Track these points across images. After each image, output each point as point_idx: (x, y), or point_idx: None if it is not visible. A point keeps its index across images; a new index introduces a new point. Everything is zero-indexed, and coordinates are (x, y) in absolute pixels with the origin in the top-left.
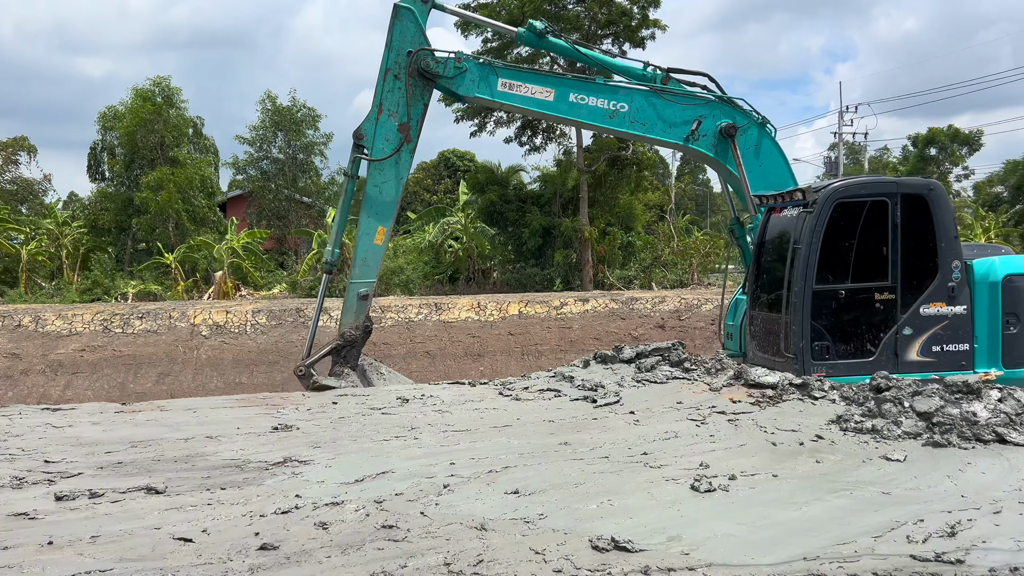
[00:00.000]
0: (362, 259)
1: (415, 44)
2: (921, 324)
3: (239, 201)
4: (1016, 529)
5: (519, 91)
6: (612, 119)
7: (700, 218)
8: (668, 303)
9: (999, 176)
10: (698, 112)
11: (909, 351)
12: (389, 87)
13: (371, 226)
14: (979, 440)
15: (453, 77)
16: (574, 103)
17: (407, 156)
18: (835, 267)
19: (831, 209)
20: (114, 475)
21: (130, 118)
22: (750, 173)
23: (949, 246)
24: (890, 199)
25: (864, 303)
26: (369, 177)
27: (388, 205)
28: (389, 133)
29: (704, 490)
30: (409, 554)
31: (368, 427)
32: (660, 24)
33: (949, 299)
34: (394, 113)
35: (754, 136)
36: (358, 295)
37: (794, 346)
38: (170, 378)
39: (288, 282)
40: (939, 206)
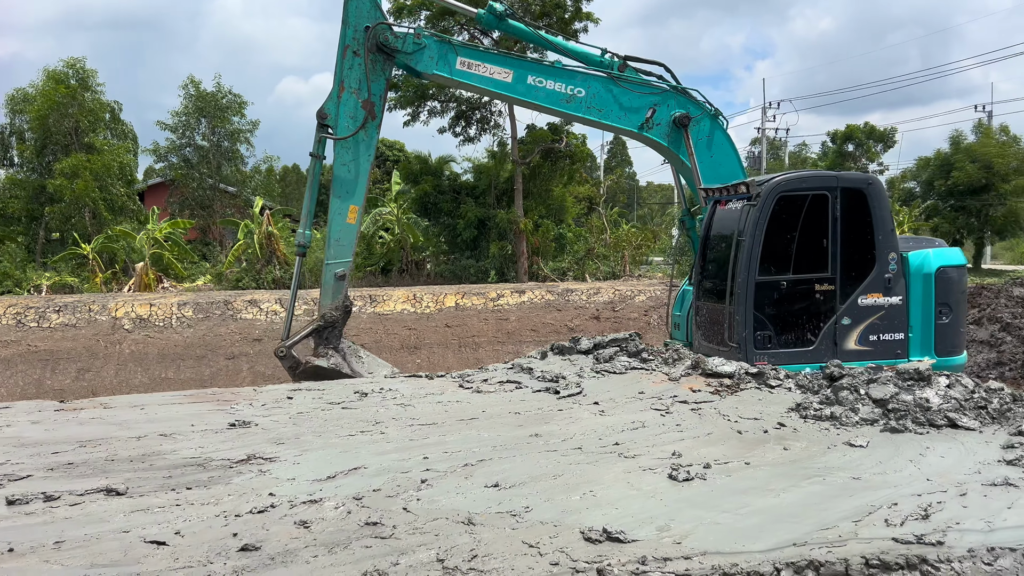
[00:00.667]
0: (336, 239)
1: (372, 19)
2: (859, 314)
3: (159, 189)
4: (984, 511)
5: (478, 70)
6: (569, 103)
7: (627, 211)
8: (603, 294)
9: (912, 172)
10: (653, 100)
11: (847, 340)
12: (349, 64)
13: (342, 206)
14: (932, 425)
15: (412, 53)
16: (532, 85)
17: (373, 132)
18: (777, 259)
19: (774, 202)
20: (67, 477)
21: (42, 101)
22: (701, 164)
23: (886, 239)
24: (831, 193)
25: (805, 294)
26: (336, 157)
27: (357, 183)
28: (353, 110)
29: (683, 479)
30: (399, 551)
31: (330, 422)
32: (592, 17)
33: (885, 290)
34: (356, 90)
35: (707, 127)
36: (335, 275)
37: (737, 335)
38: (91, 374)
39: (213, 274)
40: (877, 200)
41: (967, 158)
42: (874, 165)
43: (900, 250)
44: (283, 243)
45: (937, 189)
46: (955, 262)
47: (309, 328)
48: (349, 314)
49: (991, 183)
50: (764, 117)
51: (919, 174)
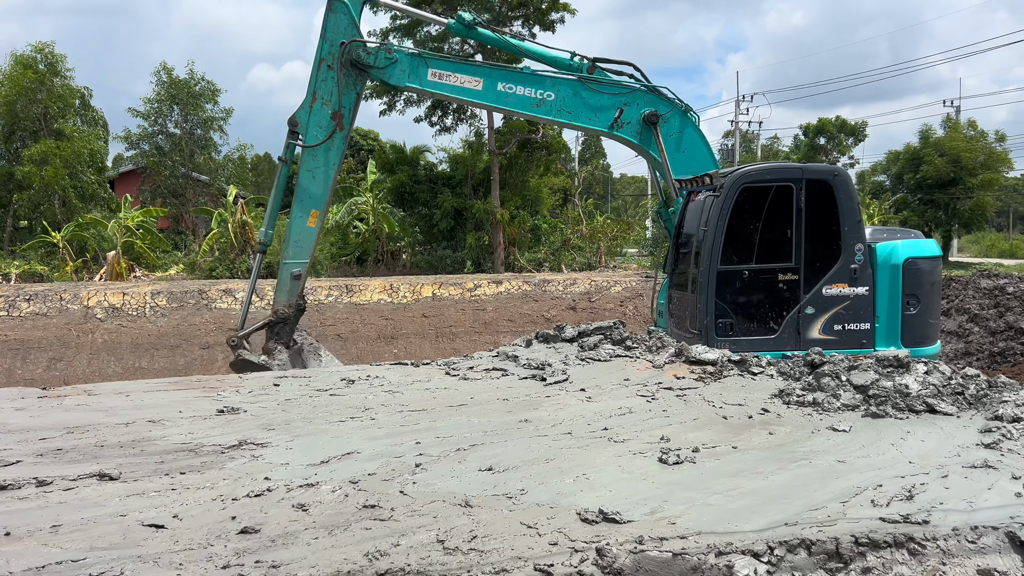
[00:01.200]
0: (295, 240)
1: (348, 36)
2: (823, 304)
3: (131, 177)
4: (966, 492)
5: (449, 80)
6: (539, 107)
7: (602, 203)
8: (579, 285)
9: (882, 166)
10: (622, 100)
11: (811, 329)
12: (323, 76)
13: (304, 209)
14: (912, 411)
15: (384, 67)
16: (502, 92)
17: (340, 143)
18: (740, 249)
19: (736, 193)
20: (57, 462)
21: (9, 86)
22: (672, 159)
23: (852, 230)
24: (795, 184)
25: (767, 283)
26: (302, 163)
27: (321, 190)
28: (322, 120)
29: (673, 462)
30: (399, 532)
31: (319, 409)
32: (569, 8)
33: (851, 280)
34: (327, 101)
35: (676, 124)
36: (291, 274)
37: (699, 323)
38: (63, 363)
39: (186, 263)
40: (843, 192)
41: (936, 152)
42: (845, 158)
43: (868, 241)
44: (257, 232)
45: (906, 183)
46: (925, 253)
47: (261, 322)
48: (302, 312)
49: (959, 177)
50: (737, 110)
51: (889, 167)
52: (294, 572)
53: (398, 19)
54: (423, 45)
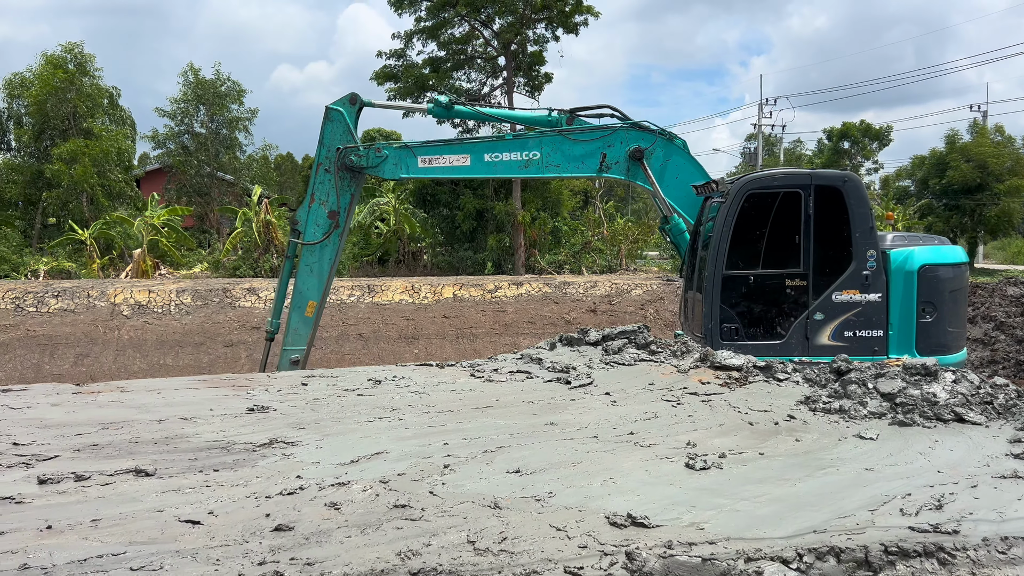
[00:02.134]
0: (294, 329)
1: (343, 142)
2: (833, 310)
3: (157, 176)
4: (995, 502)
5: (438, 163)
6: (528, 168)
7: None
8: (599, 288)
9: (907, 170)
10: (605, 144)
11: (820, 335)
12: (320, 179)
13: (303, 300)
14: (939, 419)
15: (376, 165)
16: (490, 162)
17: (336, 239)
18: (748, 254)
19: (742, 199)
20: (94, 458)
21: (39, 86)
22: (664, 187)
23: (864, 236)
24: (803, 190)
25: (775, 288)
26: (302, 258)
27: (318, 283)
28: (320, 219)
29: (699, 468)
30: (430, 533)
31: (347, 408)
32: (593, 11)
33: (863, 287)
34: (324, 202)
35: (660, 154)
36: (290, 360)
37: (704, 327)
38: (89, 359)
39: (210, 261)
40: (854, 197)
41: (962, 157)
42: (869, 163)
43: (885, 247)
44: (280, 232)
45: (932, 188)
46: (945, 260)
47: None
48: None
49: (985, 183)
50: (760, 114)
51: (914, 172)
52: (328, 570)
53: (422, 21)
54: (446, 47)
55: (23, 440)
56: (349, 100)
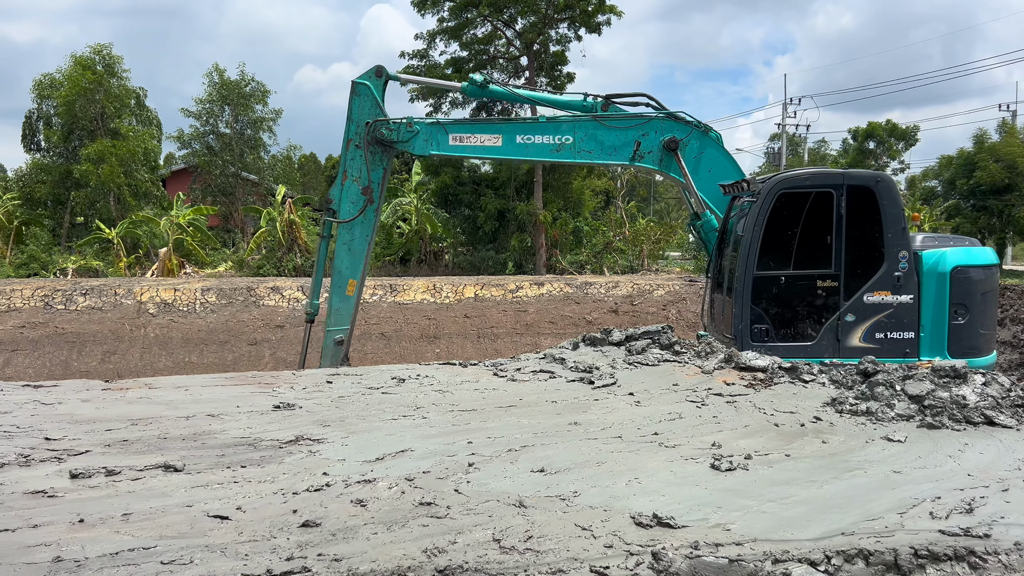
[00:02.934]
0: (336, 309)
1: (372, 116)
2: (864, 311)
3: (182, 176)
4: None
5: (469, 142)
6: (559, 152)
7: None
8: (621, 288)
9: (933, 171)
10: (639, 132)
11: (851, 337)
12: (351, 155)
13: (343, 279)
14: (969, 422)
15: (407, 140)
16: (522, 144)
17: (371, 215)
18: (779, 254)
19: (774, 199)
20: (124, 453)
21: (69, 87)
22: (698, 180)
23: (896, 237)
24: (835, 190)
25: (806, 289)
26: (339, 237)
27: (356, 260)
28: (354, 196)
29: (725, 469)
30: (456, 531)
31: (372, 406)
32: (616, 10)
33: (895, 288)
34: (357, 178)
35: (696, 146)
36: (334, 340)
37: (734, 328)
38: (116, 356)
39: (235, 260)
40: (886, 198)
41: (990, 157)
42: (895, 163)
43: (916, 248)
44: (304, 231)
45: (959, 188)
46: (977, 262)
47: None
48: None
49: (1014, 183)
50: (784, 113)
51: (941, 173)
52: (355, 566)
53: (444, 22)
54: (469, 47)
55: (55, 435)
56: (375, 73)
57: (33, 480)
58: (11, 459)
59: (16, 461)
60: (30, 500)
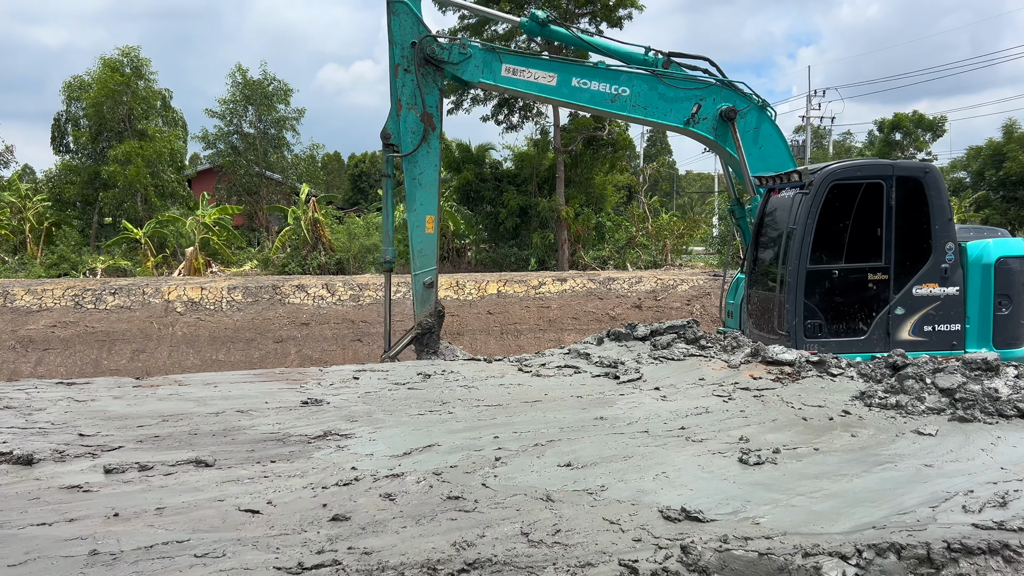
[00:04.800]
0: (419, 250)
1: (416, 35)
2: (913, 304)
3: (207, 176)
4: None
5: (522, 76)
6: (614, 103)
7: (667, 199)
8: (644, 283)
9: (961, 162)
10: (698, 96)
11: (901, 330)
12: (402, 81)
13: (419, 217)
14: (1002, 415)
15: (458, 63)
16: (576, 87)
17: (435, 143)
18: (829, 247)
19: (827, 190)
20: (156, 448)
21: (97, 89)
22: (749, 156)
23: (943, 228)
24: (885, 182)
25: (857, 283)
26: (406, 173)
27: (429, 194)
28: (414, 126)
29: (753, 463)
30: (484, 524)
31: (399, 402)
32: (637, 4)
33: (942, 280)
34: (413, 106)
35: (753, 119)
36: (424, 284)
37: (787, 324)
38: (145, 355)
39: (260, 259)
40: (934, 189)
41: (1020, 148)
42: (923, 154)
43: (958, 240)
44: (328, 230)
45: (988, 179)
46: (1017, 253)
47: (409, 336)
48: (443, 318)
49: None
50: (808, 105)
51: (969, 164)
52: (385, 559)
53: (466, 19)
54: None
55: (88, 431)
56: None
57: (68, 475)
58: (47, 455)
59: (51, 457)
60: (66, 495)
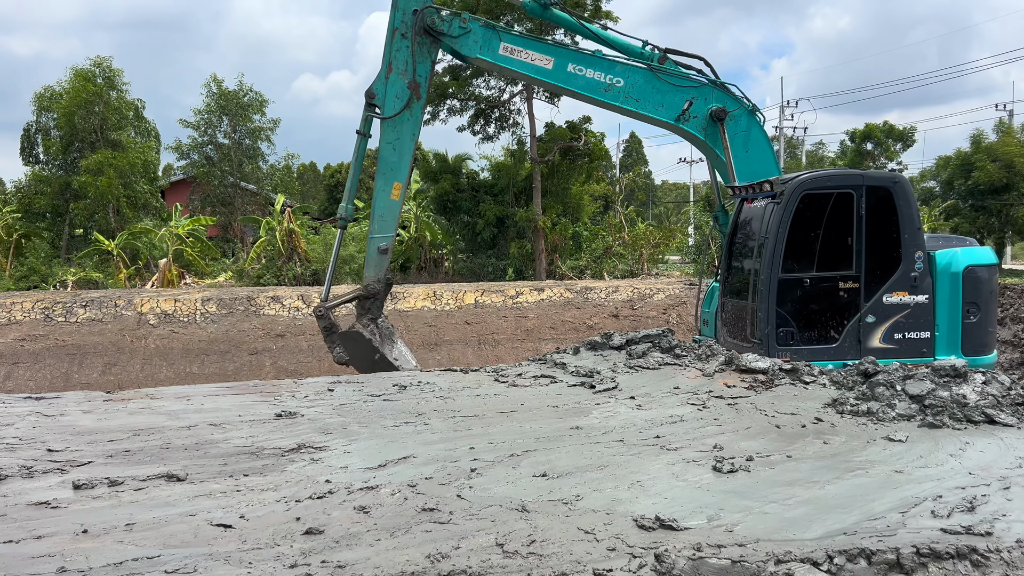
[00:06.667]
0: (380, 215)
1: (420, 3)
2: (884, 312)
3: (181, 187)
4: None
5: (520, 56)
6: (607, 92)
7: (643, 209)
8: (621, 293)
9: (931, 171)
10: (691, 93)
11: (872, 338)
12: (397, 46)
13: (387, 182)
14: (970, 421)
15: (457, 36)
16: (572, 73)
17: (418, 112)
18: (801, 256)
19: (798, 200)
20: (126, 463)
21: (69, 99)
22: (736, 159)
23: (912, 237)
24: (856, 191)
25: (828, 291)
26: (382, 136)
27: (402, 161)
28: (399, 91)
29: (727, 471)
30: (459, 536)
31: (374, 413)
32: (612, 16)
33: (912, 288)
34: (403, 71)
35: (743, 122)
36: (378, 249)
37: (760, 332)
38: (117, 368)
39: (235, 270)
40: (903, 199)
41: (988, 157)
42: (893, 164)
43: (927, 249)
44: (304, 240)
45: (957, 189)
46: (984, 261)
47: (351, 294)
48: (390, 287)
49: (1012, 183)
50: (782, 116)
51: (939, 173)
52: (359, 572)
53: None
54: None
55: (57, 447)
56: None
57: (36, 492)
58: (14, 471)
59: (19, 473)
60: (34, 511)
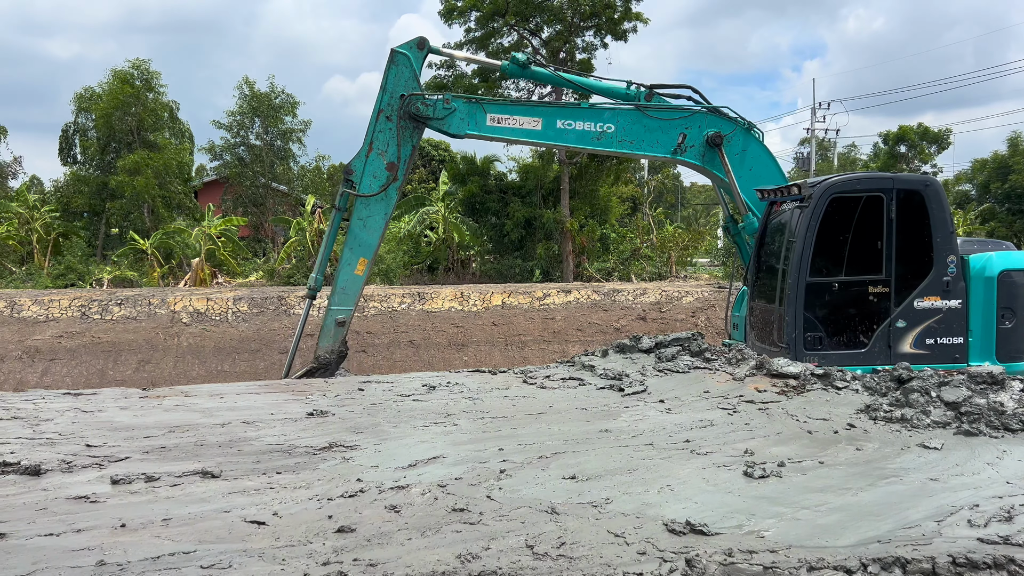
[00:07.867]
0: (342, 288)
1: (408, 89)
2: (915, 317)
3: (213, 187)
4: None
5: (507, 123)
6: (600, 140)
7: (671, 211)
8: (649, 295)
9: (966, 174)
10: (683, 125)
11: (902, 343)
12: (380, 127)
13: (353, 257)
14: (1007, 429)
15: (443, 118)
16: (562, 129)
17: (393, 193)
18: (829, 260)
19: (826, 203)
20: (162, 459)
21: (107, 100)
22: (739, 178)
23: (945, 241)
24: (886, 195)
25: (857, 296)
26: (355, 211)
27: (371, 239)
28: (377, 170)
29: (758, 476)
30: (489, 536)
31: (403, 413)
32: (642, 17)
33: (944, 293)
34: (383, 152)
35: (740, 142)
36: (335, 321)
37: (787, 336)
38: (150, 365)
39: (266, 270)
40: (935, 202)
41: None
42: (927, 167)
43: (961, 253)
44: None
45: (993, 192)
46: (1020, 266)
47: (303, 369)
48: (343, 359)
49: None
50: (813, 118)
51: (974, 176)
52: (391, 571)
53: (471, 32)
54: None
55: (95, 442)
56: (417, 44)
57: (76, 486)
58: (54, 465)
59: (59, 467)
60: (73, 505)
